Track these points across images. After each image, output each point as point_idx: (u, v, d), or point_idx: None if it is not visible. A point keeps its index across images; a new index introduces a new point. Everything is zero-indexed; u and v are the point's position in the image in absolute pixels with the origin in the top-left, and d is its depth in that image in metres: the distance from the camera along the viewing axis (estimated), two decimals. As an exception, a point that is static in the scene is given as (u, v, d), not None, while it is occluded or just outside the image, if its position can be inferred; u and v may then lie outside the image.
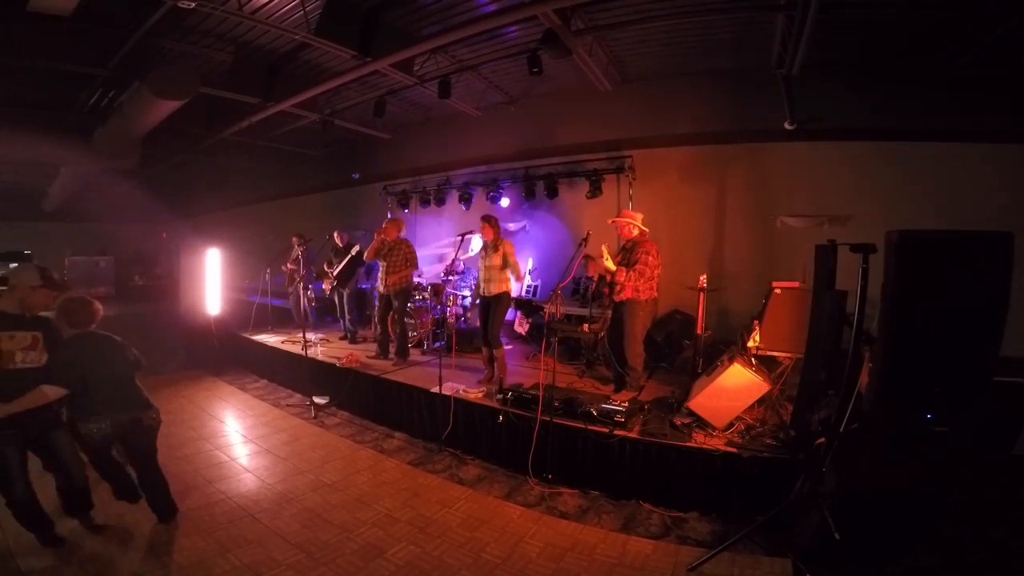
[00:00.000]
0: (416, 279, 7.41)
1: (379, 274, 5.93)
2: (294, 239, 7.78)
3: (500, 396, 4.36)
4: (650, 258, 4.32)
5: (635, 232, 4.50)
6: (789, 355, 4.00)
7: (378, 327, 6.18)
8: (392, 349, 5.99)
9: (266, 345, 6.99)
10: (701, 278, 4.86)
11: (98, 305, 3.10)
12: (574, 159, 7.19)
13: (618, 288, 4.36)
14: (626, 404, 3.97)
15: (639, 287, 4.29)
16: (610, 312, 4.71)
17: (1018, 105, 4.76)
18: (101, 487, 3.27)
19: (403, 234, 6.01)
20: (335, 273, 7.08)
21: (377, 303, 6.15)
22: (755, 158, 6.16)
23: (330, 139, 9.68)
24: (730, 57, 5.80)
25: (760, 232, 6.11)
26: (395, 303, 5.80)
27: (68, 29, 5.09)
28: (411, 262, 5.86)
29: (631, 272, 4.26)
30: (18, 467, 2.74)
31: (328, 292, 7.39)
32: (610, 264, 4.26)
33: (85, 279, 15.19)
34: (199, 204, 15.67)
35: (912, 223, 2.50)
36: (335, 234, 7.37)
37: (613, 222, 4.69)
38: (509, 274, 4.86)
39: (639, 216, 4.63)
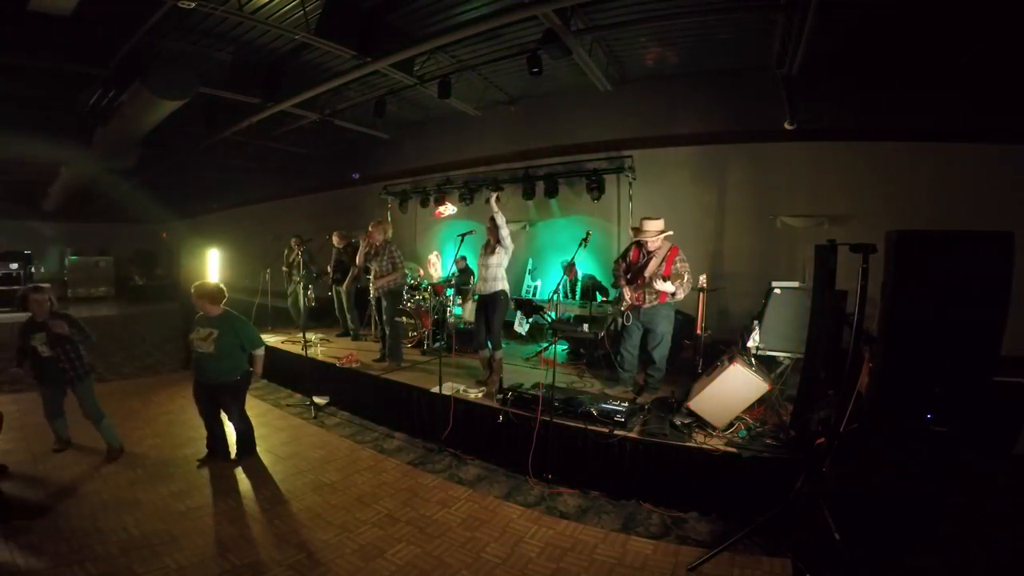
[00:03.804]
0: (414, 280, 7.44)
1: (371, 277, 5.92)
2: (293, 240, 7.81)
3: (500, 396, 4.36)
4: (687, 264, 4.34)
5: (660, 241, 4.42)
6: (789, 355, 4.01)
7: (378, 329, 6.19)
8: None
9: (266, 345, 6.97)
10: (701, 278, 4.86)
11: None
12: (574, 159, 7.19)
13: (652, 296, 4.35)
14: (626, 404, 3.97)
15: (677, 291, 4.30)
16: (625, 318, 4.60)
17: (1019, 105, 4.76)
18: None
19: (389, 236, 5.96)
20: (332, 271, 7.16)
21: (374, 305, 6.16)
22: (755, 158, 6.16)
23: (330, 139, 9.68)
24: (730, 57, 5.81)
25: (760, 232, 6.11)
26: (384, 304, 5.77)
27: (68, 29, 5.10)
28: (396, 266, 5.77)
29: (682, 284, 4.23)
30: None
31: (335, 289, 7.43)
32: (669, 287, 4.21)
33: (85, 279, 15.23)
34: (199, 204, 15.68)
35: (912, 223, 2.50)
36: (334, 235, 7.41)
37: (642, 239, 4.42)
38: (507, 273, 4.86)
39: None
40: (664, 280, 4.23)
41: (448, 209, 7.78)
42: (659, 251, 4.39)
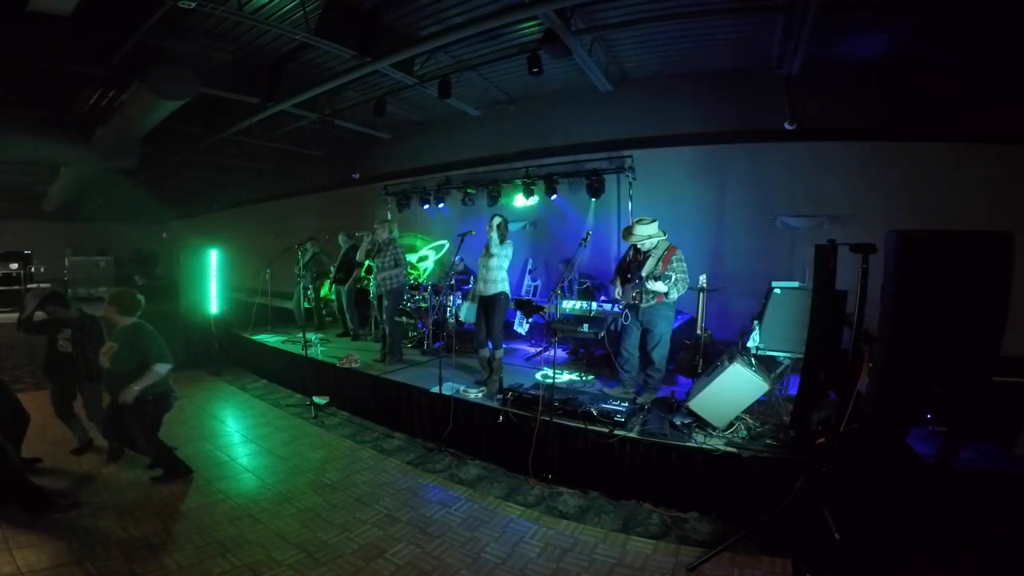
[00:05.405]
0: (414, 281, 7.46)
1: (373, 275, 6.00)
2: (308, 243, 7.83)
3: (500, 396, 4.36)
4: (684, 264, 4.30)
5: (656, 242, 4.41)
6: (789, 355, 4.01)
7: (378, 329, 6.24)
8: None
9: (266, 345, 6.99)
10: (701, 278, 4.86)
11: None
12: (574, 159, 7.19)
13: (649, 296, 4.32)
14: (626, 404, 3.97)
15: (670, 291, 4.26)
16: (624, 317, 4.59)
17: (1018, 105, 4.76)
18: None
19: (394, 234, 6.14)
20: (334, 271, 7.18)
21: (375, 304, 6.21)
22: (755, 158, 6.16)
23: (330, 139, 9.68)
24: (730, 57, 5.80)
25: (760, 232, 6.10)
26: (385, 303, 5.84)
27: (68, 29, 5.09)
28: (399, 263, 5.90)
29: (674, 284, 4.19)
30: None
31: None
32: (661, 286, 4.16)
33: (85, 279, 15.24)
34: (199, 204, 15.66)
35: (912, 223, 2.50)
36: (340, 235, 7.44)
37: (635, 242, 4.42)
38: (507, 275, 4.86)
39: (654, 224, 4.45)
40: (656, 280, 4.20)
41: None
42: (656, 250, 4.37)
